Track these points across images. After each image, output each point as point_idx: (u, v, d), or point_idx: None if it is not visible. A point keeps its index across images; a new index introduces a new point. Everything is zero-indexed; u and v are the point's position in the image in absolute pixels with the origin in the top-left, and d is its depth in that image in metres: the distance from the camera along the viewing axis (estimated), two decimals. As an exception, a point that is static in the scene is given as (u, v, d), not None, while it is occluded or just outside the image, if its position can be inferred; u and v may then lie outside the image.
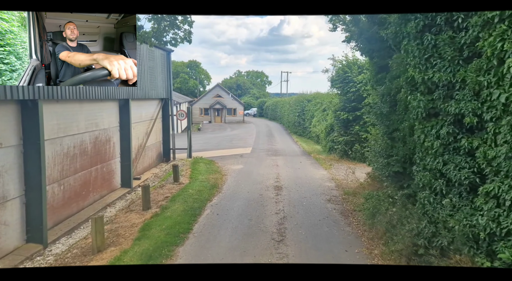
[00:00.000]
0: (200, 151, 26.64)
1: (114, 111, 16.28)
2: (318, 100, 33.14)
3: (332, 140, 22.40)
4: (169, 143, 23.79)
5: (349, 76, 19.76)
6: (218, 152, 25.75)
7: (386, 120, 8.31)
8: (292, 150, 26.26)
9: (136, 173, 19.17)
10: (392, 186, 8.35)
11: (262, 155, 23.36)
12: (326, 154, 22.97)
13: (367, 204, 10.22)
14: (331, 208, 11.22)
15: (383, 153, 8.46)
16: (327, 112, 29.28)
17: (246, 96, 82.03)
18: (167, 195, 12.58)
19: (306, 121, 34.29)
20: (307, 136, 33.99)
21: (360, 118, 19.69)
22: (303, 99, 36.45)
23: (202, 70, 76.24)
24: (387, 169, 8.24)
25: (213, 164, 20.18)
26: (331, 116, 23.14)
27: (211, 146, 29.67)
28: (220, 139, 34.05)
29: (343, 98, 20.69)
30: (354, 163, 19.98)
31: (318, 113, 31.18)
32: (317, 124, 29.95)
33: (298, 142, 30.79)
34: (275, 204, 11.65)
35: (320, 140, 26.04)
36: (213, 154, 24.97)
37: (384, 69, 10.22)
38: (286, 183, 14.88)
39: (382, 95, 8.51)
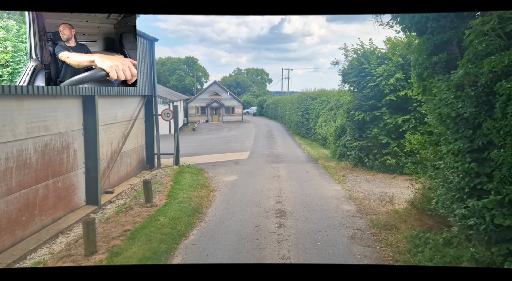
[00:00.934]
0: (191, 155, 23.05)
1: (75, 111, 12.70)
2: (324, 98, 29.49)
3: (343, 145, 18.78)
4: (153, 147, 20.22)
5: (366, 69, 16.13)
6: (210, 157, 22.16)
7: (467, 128, 4.76)
8: (295, 155, 22.65)
9: (109, 185, 15.60)
10: (481, 239, 4.75)
11: (261, 162, 19.76)
12: (335, 160, 19.37)
13: (417, 251, 6.65)
14: (360, 253, 7.60)
15: (461, 183, 4.89)
16: (335, 111, 25.65)
17: (246, 94, 78.42)
18: (128, 228, 8.98)
19: (310, 121, 30.66)
20: (311, 138, 30.36)
21: (379, 119, 16.06)
22: (306, 97, 32.82)
23: (200, 67, 72.48)
24: (474, 214, 4.62)
25: (202, 173, 16.59)
26: (342, 116, 19.51)
27: (204, 149, 26.06)
28: (215, 141, 30.44)
29: (358, 95, 17.05)
30: (371, 173, 16.36)
31: (325, 112, 27.54)
32: (323, 125, 26.32)
33: (302, 145, 27.18)
34: (277, 245, 8.04)
35: (328, 144, 22.39)
36: (205, 160, 21.38)
37: (442, 48, 6.63)
38: (292, 204, 11.29)
39: (457, 87, 4.94)
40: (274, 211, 10.69)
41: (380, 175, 16.06)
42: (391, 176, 15.57)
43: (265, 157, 21.43)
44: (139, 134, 19.45)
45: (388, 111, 15.75)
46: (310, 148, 25.46)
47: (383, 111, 15.73)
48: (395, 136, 15.74)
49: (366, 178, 15.45)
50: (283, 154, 22.67)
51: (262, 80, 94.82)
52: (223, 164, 19.53)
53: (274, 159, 20.77)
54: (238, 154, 22.82)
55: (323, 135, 25.39)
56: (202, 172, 16.89)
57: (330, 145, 21.43)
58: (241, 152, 24.02)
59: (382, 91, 15.62)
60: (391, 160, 15.71)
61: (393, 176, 15.36)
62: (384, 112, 15.73)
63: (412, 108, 15.27)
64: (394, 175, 15.36)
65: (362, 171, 16.77)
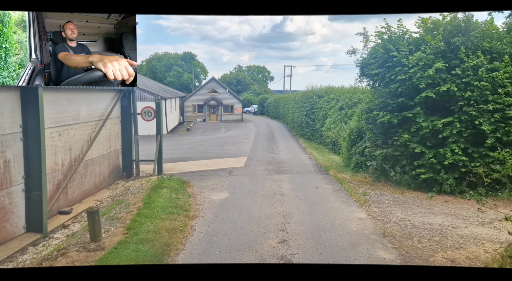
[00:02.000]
0: (179, 161, 19.50)
1: (6, 108, 9.20)
2: (333, 95, 25.85)
3: (360, 152, 15.15)
4: (131, 153, 16.69)
5: (394, 57, 12.49)
6: (201, 164, 18.57)
7: None
8: (301, 162, 19.02)
9: (66, 203, 12.24)
10: None
11: (260, 171, 16.15)
12: (350, 171, 15.75)
13: None
14: None
15: None
16: (346, 111, 22.00)
17: (246, 92, 74.77)
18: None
19: (316, 122, 27.02)
20: (317, 140, 26.73)
21: (410, 121, 12.44)
22: (312, 95, 29.17)
23: (198, 63, 68.71)
24: None
25: (185, 188, 13.01)
26: (360, 117, 15.89)
27: (196, 153, 22.48)
28: (209, 144, 26.85)
29: (382, 91, 13.42)
30: (399, 189, 12.74)
31: (333, 112, 23.91)
32: (332, 127, 22.68)
33: (307, 149, 23.55)
34: None
35: (340, 150, 18.73)
36: (194, 167, 17.80)
37: None
38: (302, 247, 7.70)
39: None
40: (276, 258, 7.10)
41: (410, 192, 12.44)
42: (425, 195, 11.96)
43: (265, 165, 17.82)
44: (113, 137, 15.89)
45: (423, 111, 12.12)
46: (317, 153, 21.83)
47: (417, 111, 12.09)
48: (432, 144, 12.12)
49: (394, 198, 11.83)
50: (286, 161, 19.05)
51: (263, 78, 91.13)
52: (214, 173, 15.94)
53: (276, 167, 17.15)
54: (233, 160, 19.21)
55: (332, 139, 21.77)
56: (185, 186, 13.30)
57: (342, 151, 17.80)
58: (238, 157, 20.41)
59: (416, 85, 11.98)
60: (426, 174, 12.09)
61: (429, 196, 11.74)
62: (418, 113, 12.10)
63: (456, 108, 11.64)
64: (431, 194, 11.75)
65: (386, 187, 13.15)
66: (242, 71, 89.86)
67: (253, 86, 78.45)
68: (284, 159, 19.82)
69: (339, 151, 20.57)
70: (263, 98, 63.16)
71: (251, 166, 17.49)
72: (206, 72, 71.18)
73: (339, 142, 20.82)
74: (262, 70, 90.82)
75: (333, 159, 19.56)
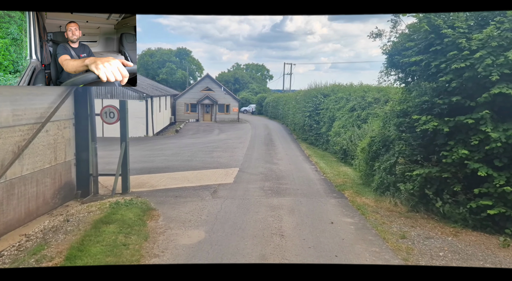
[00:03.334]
0: (156, 172, 15.61)
1: None
2: (341, 94, 21.87)
3: (387, 169, 11.15)
4: (87, 165, 12.78)
5: (447, 37, 8.48)
6: (180, 177, 14.61)
7: None
8: (305, 176, 15.03)
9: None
10: None
11: (253, 192, 12.17)
12: (372, 192, 11.77)
13: None
14: None
15: None
16: (359, 113, 18.06)
17: (244, 91, 70.78)
18: None
19: (322, 125, 23.01)
20: (322, 146, 22.76)
21: (471, 130, 8.49)
22: (316, 94, 25.17)
23: (193, 60, 64.35)
24: None
25: (145, 222, 9.06)
26: (388, 122, 11.87)
27: (179, 161, 18.52)
28: (197, 149, 22.87)
29: (425, 87, 9.46)
30: (449, 227, 8.75)
31: (343, 114, 19.94)
32: (342, 131, 18.71)
33: (311, 158, 19.56)
34: None
35: (357, 163, 14.68)
36: (170, 182, 13.85)
37: None
38: None
39: None
40: None
41: (469, 234, 8.46)
42: (494, 240, 8.03)
43: (260, 180, 13.84)
44: (62, 145, 11.95)
45: (491, 116, 8.15)
46: (324, 163, 17.84)
47: (481, 116, 8.13)
48: (503, 164, 8.16)
49: (449, 244, 7.86)
50: (287, 175, 15.06)
51: (262, 76, 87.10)
52: (193, 193, 11.99)
53: (274, 185, 13.16)
54: (221, 173, 15.24)
55: (343, 146, 17.79)
56: (146, 218, 9.33)
57: (359, 164, 13.77)
58: (228, 168, 16.45)
59: (483, 78, 8.02)
60: (494, 208, 8.14)
61: (501, 242, 7.83)
62: (483, 119, 8.14)
63: (546, 112, 7.67)
64: (503, 240, 7.82)
65: (430, 222, 9.16)
66: (241, 69, 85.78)
67: (251, 85, 74.43)
68: (285, 171, 15.83)
69: (352, 161, 16.60)
70: (262, 98, 59.18)
71: (243, 183, 13.50)
72: (201, 69, 66.93)
73: (351, 150, 16.85)
74: (261, 68, 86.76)
75: (345, 172, 15.57)
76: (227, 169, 16.28)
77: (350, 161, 17.01)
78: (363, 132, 16.33)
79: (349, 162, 17.22)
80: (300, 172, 15.86)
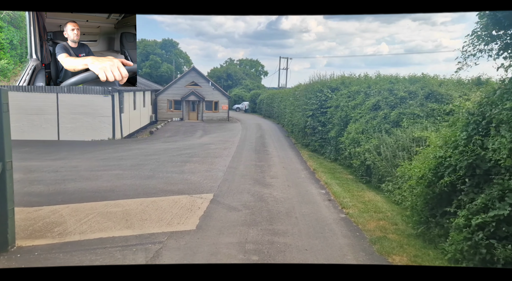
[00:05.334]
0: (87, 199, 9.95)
1: None
2: (356, 87, 16.30)
3: (485, 228, 5.54)
4: None
5: None
6: (116, 214, 8.91)
7: None
8: (315, 214, 9.34)
9: None
10: None
11: (225, 257, 6.53)
12: (451, 258, 6.23)
13: None
14: None
15: None
16: (386, 112, 12.50)
17: (238, 87, 65.08)
18: None
19: (331, 127, 17.34)
20: (330, 155, 17.18)
21: None
22: (321, 87, 19.52)
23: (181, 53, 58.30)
24: None
25: None
26: (476, 129, 6.25)
27: (133, 179, 12.92)
28: (167, 158, 17.21)
29: None
30: None
31: (362, 113, 14.36)
32: (362, 139, 13.12)
33: (317, 173, 13.94)
34: None
35: (405, 196, 8.96)
36: (93, 226, 8.08)
37: None
38: None
39: None
40: None
41: None
42: None
43: (242, 226, 8.19)
44: None
45: None
46: (338, 184, 12.23)
47: None
48: None
49: None
50: (286, 209, 9.41)
51: (256, 72, 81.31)
52: (117, 255, 6.34)
53: (264, 238, 7.47)
54: (183, 205, 9.63)
55: (365, 160, 12.21)
56: None
57: (410, 200, 8.03)
58: (197, 193, 10.86)
59: None
60: None
61: None
62: None
63: None
64: None
65: None
66: (234, 65, 79.90)
67: (245, 81, 68.65)
68: (282, 201, 10.21)
69: (381, 185, 11.05)
70: (255, 94, 53.50)
71: (211, 232, 7.83)
72: (190, 63, 60.88)
73: (379, 168, 11.30)
74: (256, 64, 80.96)
75: (375, 204, 9.96)
76: (196, 195, 10.66)
77: (377, 183, 11.46)
78: (399, 141, 10.78)
79: (374, 183, 11.68)
80: (306, 203, 10.23)
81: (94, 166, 15.58)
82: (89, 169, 15.04)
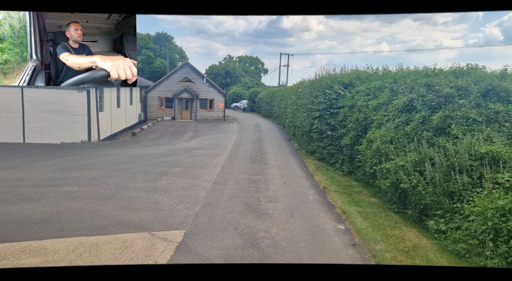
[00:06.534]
0: (7, 238, 6.26)
1: None
2: (377, 83, 12.90)
3: None
4: None
5: None
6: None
7: None
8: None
9: None
10: None
11: None
12: None
13: None
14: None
15: None
16: (424, 114, 8.96)
17: (236, 85, 61.60)
18: None
19: (345, 133, 13.85)
20: (342, 167, 13.75)
21: None
22: (332, 83, 16.05)
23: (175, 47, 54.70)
24: None
25: None
26: None
27: (85, 201, 9.41)
28: (141, 169, 13.77)
29: None
30: None
31: (389, 115, 10.92)
32: (390, 150, 9.67)
33: (330, 194, 10.53)
34: None
35: (470, 246, 5.59)
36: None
37: None
38: None
39: None
40: None
41: None
42: None
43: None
44: None
45: None
46: (361, 214, 8.81)
47: None
48: None
49: None
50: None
51: (256, 70, 77.77)
52: None
53: None
54: (132, 258, 6.16)
55: (397, 182, 8.76)
56: None
57: (482, 253, 4.68)
58: (160, 231, 7.43)
59: None
60: None
61: None
62: None
63: None
64: None
65: None
66: (233, 62, 76.36)
67: (244, 79, 65.16)
68: (284, 246, 6.78)
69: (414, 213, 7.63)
70: (254, 92, 50.04)
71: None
72: (186, 58, 57.34)
73: (422, 195, 7.87)
74: (255, 61, 77.37)
75: (424, 254, 6.53)
76: (160, 234, 7.26)
77: (418, 215, 8.04)
78: (454, 157, 7.38)
79: (413, 215, 8.26)
80: (319, 251, 6.77)
81: (46, 179, 12.18)
82: (37, 183, 11.65)
